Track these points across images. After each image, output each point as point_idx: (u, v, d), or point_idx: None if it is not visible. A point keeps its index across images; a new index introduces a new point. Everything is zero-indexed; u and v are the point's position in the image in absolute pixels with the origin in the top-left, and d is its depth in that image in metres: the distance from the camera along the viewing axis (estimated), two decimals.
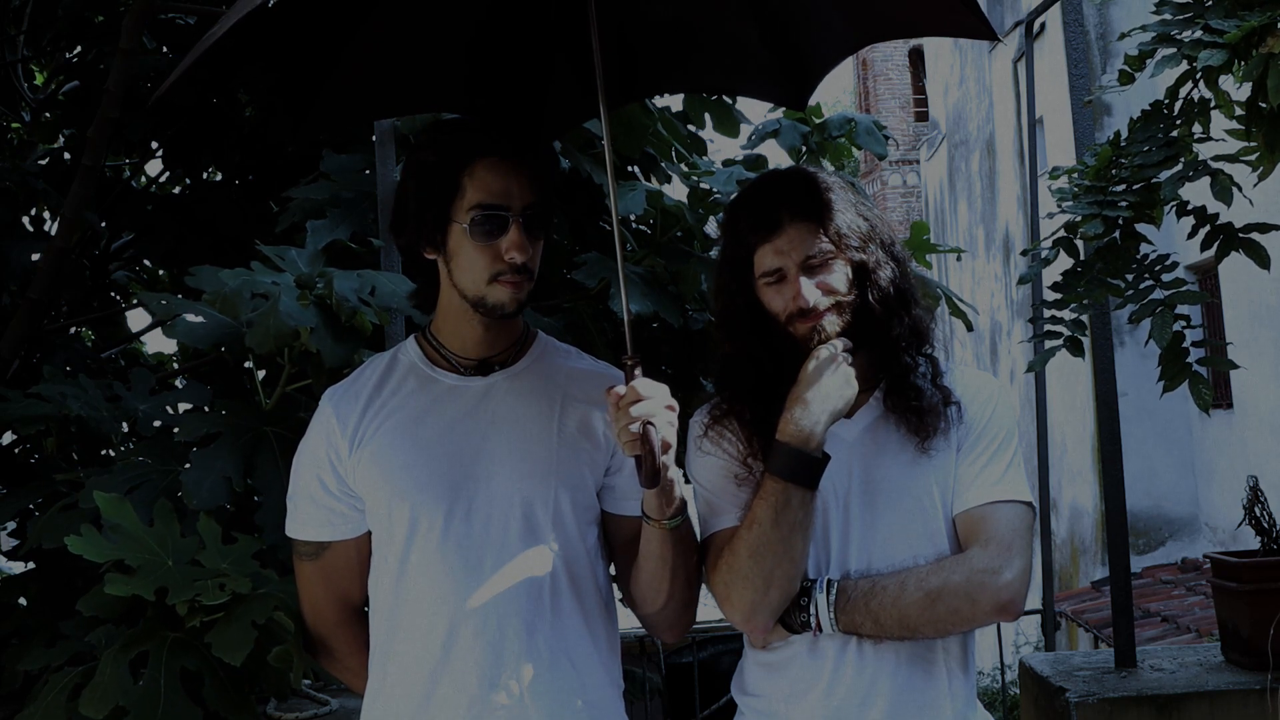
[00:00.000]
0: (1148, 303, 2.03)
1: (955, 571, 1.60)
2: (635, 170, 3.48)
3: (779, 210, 1.66)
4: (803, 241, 1.64)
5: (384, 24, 1.78)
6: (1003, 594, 1.58)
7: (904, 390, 1.68)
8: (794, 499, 1.57)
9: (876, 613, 1.60)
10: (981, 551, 1.61)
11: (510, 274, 1.64)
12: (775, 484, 1.58)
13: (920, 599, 1.59)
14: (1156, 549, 9.79)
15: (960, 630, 1.64)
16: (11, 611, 2.49)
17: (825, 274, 1.65)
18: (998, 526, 1.63)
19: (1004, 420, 1.72)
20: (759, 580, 1.59)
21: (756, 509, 1.60)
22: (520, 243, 1.64)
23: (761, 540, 1.58)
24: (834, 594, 1.62)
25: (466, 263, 1.65)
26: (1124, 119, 2.24)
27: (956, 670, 1.68)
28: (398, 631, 1.67)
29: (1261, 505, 2.94)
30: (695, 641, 4.72)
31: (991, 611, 1.59)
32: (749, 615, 1.62)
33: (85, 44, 4.00)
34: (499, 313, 1.67)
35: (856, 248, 1.67)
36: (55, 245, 3.02)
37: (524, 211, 1.65)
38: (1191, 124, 2.04)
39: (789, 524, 1.57)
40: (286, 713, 2.89)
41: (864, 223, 1.69)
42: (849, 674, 1.64)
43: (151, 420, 2.63)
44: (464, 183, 1.64)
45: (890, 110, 20.86)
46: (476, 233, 1.63)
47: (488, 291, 1.66)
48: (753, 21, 1.91)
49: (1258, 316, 8.23)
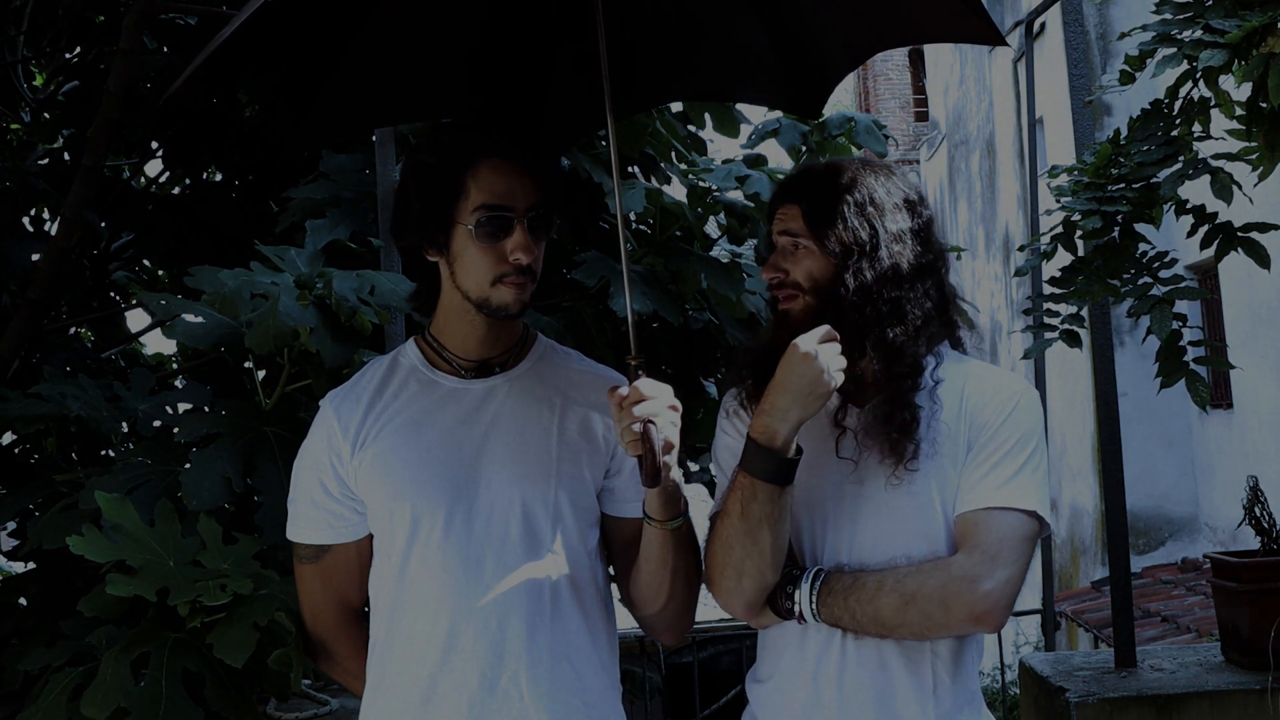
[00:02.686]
0: (1146, 298, 2.03)
1: (932, 576, 1.58)
2: (635, 170, 3.48)
3: (783, 189, 1.76)
4: (788, 223, 1.71)
5: (380, 32, 1.77)
6: (979, 604, 1.55)
7: (883, 410, 1.64)
8: (760, 494, 1.58)
9: (854, 609, 1.60)
10: (964, 558, 1.58)
11: (515, 275, 1.64)
12: (743, 478, 1.60)
13: (894, 600, 1.58)
14: (1156, 549, 9.78)
15: (936, 636, 1.61)
16: (11, 611, 2.49)
17: (802, 258, 1.68)
18: (987, 534, 1.59)
19: (1022, 424, 1.66)
20: (730, 569, 1.63)
21: (728, 500, 1.62)
22: (525, 244, 1.64)
23: (731, 531, 1.61)
24: (819, 584, 1.63)
25: (470, 264, 1.65)
26: (1124, 119, 2.23)
27: (944, 674, 1.65)
28: (398, 632, 1.67)
29: (1261, 505, 2.94)
30: (695, 641, 4.72)
31: (966, 620, 1.56)
32: (727, 600, 1.66)
33: (85, 44, 4.00)
34: (503, 314, 1.67)
35: (841, 246, 1.64)
36: (55, 245, 3.02)
37: (528, 212, 1.65)
38: (1191, 123, 2.05)
39: (755, 518, 1.58)
40: (286, 713, 2.89)
41: (867, 228, 1.65)
42: (833, 664, 1.65)
43: (151, 420, 2.63)
44: (468, 184, 1.63)
45: (890, 110, 20.85)
46: (481, 234, 1.63)
47: (492, 293, 1.65)
48: (764, 31, 1.91)
49: (1258, 316, 8.22)
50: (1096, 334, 2.99)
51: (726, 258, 3.26)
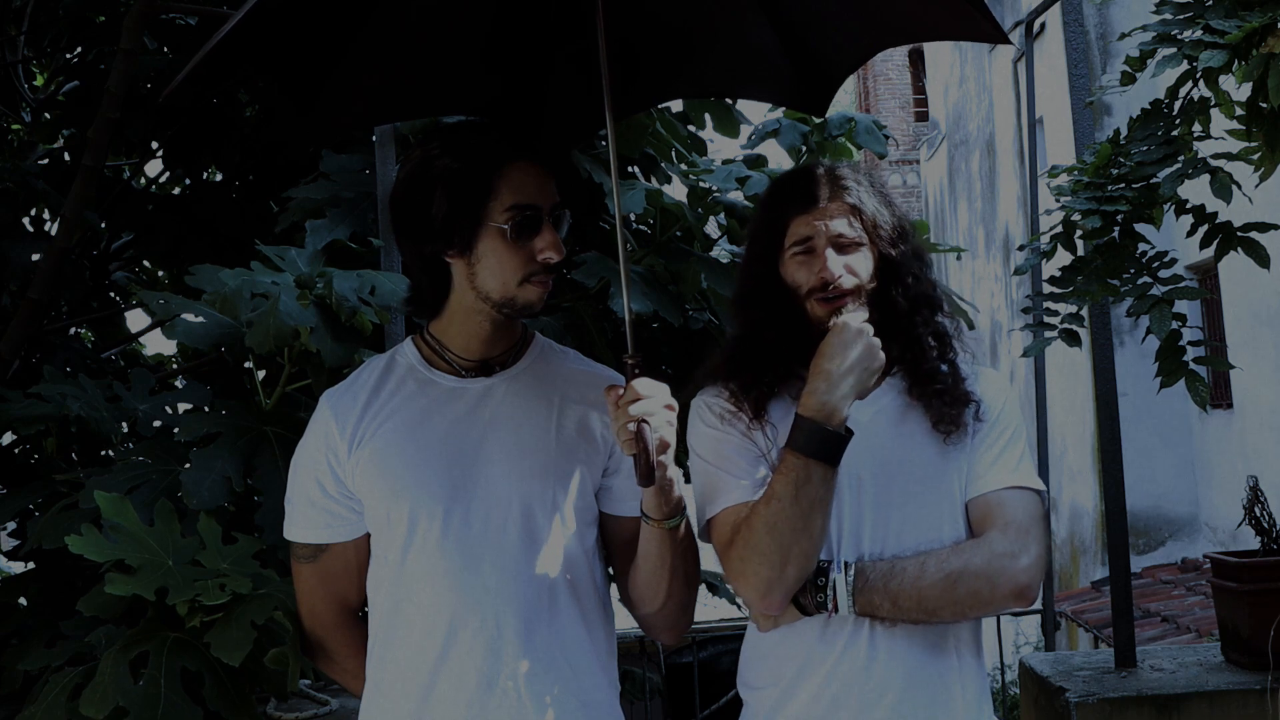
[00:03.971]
0: (1146, 297, 2.04)
1: (976, 554, 1.60)
2: (635, 170, 3.48)
3: (820, 187, 1.71)
4: (837, 219, 1.69)
5: (383, 29, 1.77)
6: (1020, 578, 1.59)
7: (928, 378, 1.70)
8: (815, 475, 1.56)
9: (895, 594, 1.59)
10: (1001, 535, 1.62)
11: (542, 274, 1.67)
12: (796, 459, 1.57)
13: (940, 581, 1.58)
14: (1156, 549, 9.78)
15: (978, 614, 1.64)
16: (11, 611, 2.49)
17: (852, 256, 1.68)
18: (1015, 512, 1.64)
19: (1013, 414, 1.75)
20: (776, 557, 1.57)
21: (775, 484, 1.59)
22: (555, 242, 1.67)
23: (780, 516, 1.56)
24: (852, 575, 1.61)
25: (497, 264, 1.66)
26: (1124, 119, 2.24)
27: (968, 658, 1.68)
28: (396, 632, 1.67)
29: (1261, 505, 2.94)
30: (695, 641, 4.72)
31: (1009, 595, 1.59)
32: (765, 592, 1.60)
33: (86, 44, 4.00)
34: (528, 312, 1.69)
35: (888, 242, 1.70)
36: (55, 245, 3.02)
37: (553, 211, 1.68)
38: (1191, 123, 2.05)
39: (809, 500, 1.56)
40: (286, 713, 2.89)
41: (899, 222, 1.73)
42: (860, 659, 1.63)
43: (151, 420, 2.63)
44: (498, 185, 1.65)
45: (890, 110, 20.84)
46: (515, 233, 1.64)
47: (519, 292, 1.67)
48: (770, 27, 1.91)
49: (1258, 316, 8.22)
50: (1096, 334, 2.99)
51: (726, 258, 3.25)
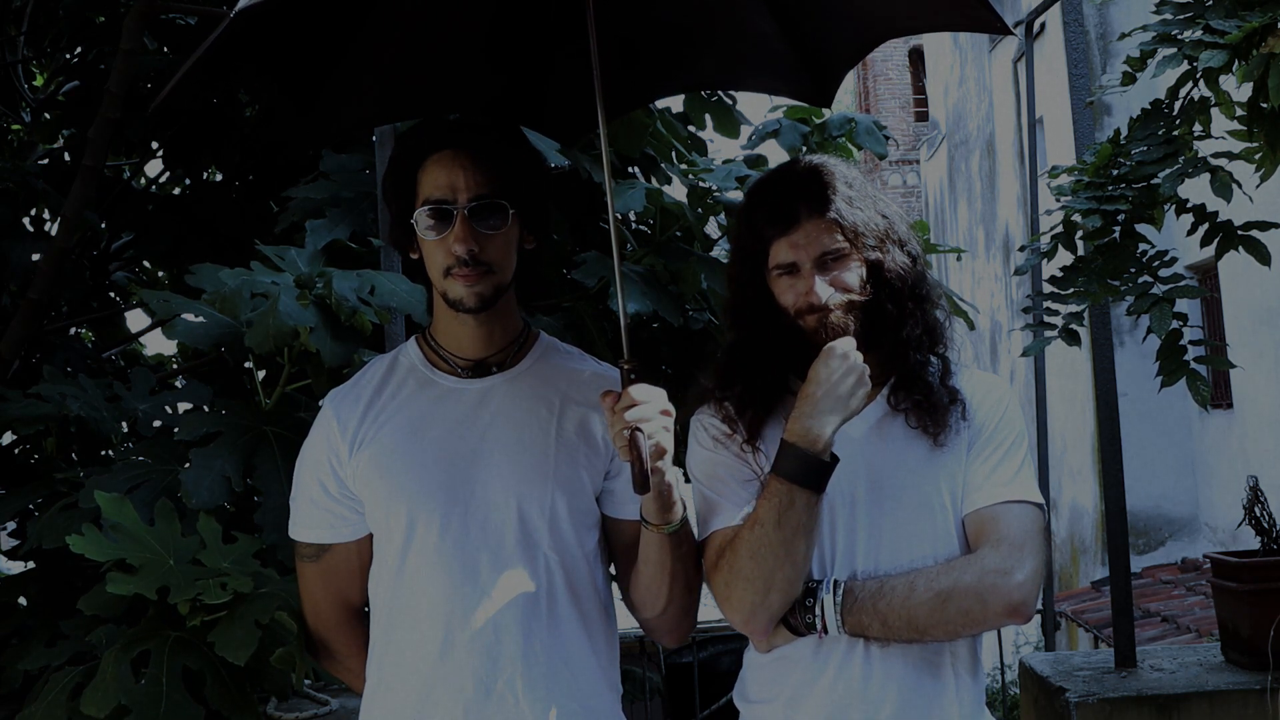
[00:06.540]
0: (1146, 297, 2.03)
1: (966, 572, 1.57)
2: (635, 170, 3.47)
3: (796, 204, 1.64)
4: (818, 237, 1.62)
5: (384, 28, 1.77)
6: (1014, 595, 1.55)
7: (912, 387, 1.66)
8: (798, 501, 1.55)
9: (884, 614, 1.57)
10: (993, 552, 1.58)
11: (459, 267, 1.64)
12: (780, 485, 1.55)
13: (930, 600, 1.55)
14: (1156, 549, 9.78)
15: (970, 633, 1.60)
16: (11, 611, 2.49)
17: (839, 270, 1.63)
18: (1009, 527, 1.60)
19: (1014, 423, 1.69)
20: (759, 582, 1.56)
21: (760, 509, 1.57)
22: (463, 235, 1.63)
23: (763, 541, 1.55)
24: (840, 595, 1.59)
25: (428, 259, 1.67)
26: (1124, 119, 2.24)
27: (964, 674, 1.65)
28: (395, 633, 1.67)
29: (1261, 505, 2.94)
30: (695, 641, 4.72)
31: (1002, 613, 1.56)
32: (749, 617, 1.59)
33: (85, 44, 4.00)
34: (461, 308, 1.66)
35: (873, 246, 1.64)
36: (55, 245, 3.02)
37: (470, 203, 1.64)
38: (1191, 123, 2.05)
39: (792, 526, 1.55)
40: (287, 713, 2.89)
41: (882, 220, 1.67)
42: (855, 677, 1.61)
43: (151, 420, 2.63)
44: (420, 180, 1.66)
45: (890, 110, 20.83)
46: (425, 229, 1.65)
47: (447, 286, 1.66)
48: (772, 19, 1.90)
49: (1258, 316, 8.21)
50: (1096, 334, 2.99)
51: (726, 258, 3.25)
